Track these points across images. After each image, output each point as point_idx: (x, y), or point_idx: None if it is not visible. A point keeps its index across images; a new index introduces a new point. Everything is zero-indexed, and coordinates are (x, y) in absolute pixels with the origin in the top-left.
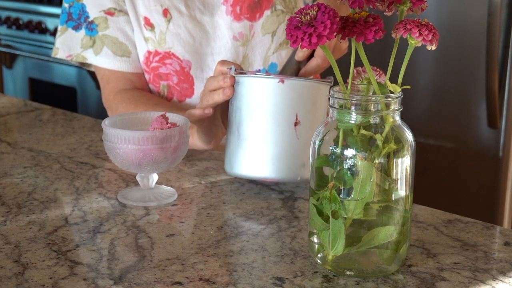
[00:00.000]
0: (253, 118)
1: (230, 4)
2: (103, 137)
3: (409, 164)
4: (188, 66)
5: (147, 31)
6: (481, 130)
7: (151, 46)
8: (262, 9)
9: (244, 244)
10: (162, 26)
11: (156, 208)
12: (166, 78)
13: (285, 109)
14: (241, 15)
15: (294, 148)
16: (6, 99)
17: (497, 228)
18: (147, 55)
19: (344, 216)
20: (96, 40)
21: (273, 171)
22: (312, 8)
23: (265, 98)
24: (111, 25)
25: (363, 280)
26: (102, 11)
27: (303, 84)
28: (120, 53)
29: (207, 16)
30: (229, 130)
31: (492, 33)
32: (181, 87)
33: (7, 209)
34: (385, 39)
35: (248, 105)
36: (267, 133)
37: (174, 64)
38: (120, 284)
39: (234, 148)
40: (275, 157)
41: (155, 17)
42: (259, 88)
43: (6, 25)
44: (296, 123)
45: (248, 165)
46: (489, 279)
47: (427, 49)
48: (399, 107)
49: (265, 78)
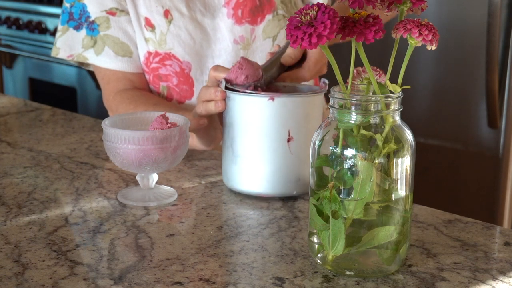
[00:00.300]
0: (245, 135)
1: (232, 7)
2: (103, 137)
3: (409, 164)
4: (188, 68)
5: (148, 31)
6: (481, 130)
7: (152, 46)
8: (263, 13)
9: (244, 244)
10: (162, 27)
11: (156, 208)
12: (166, 79)
13: (276, 127)
14: (243, 19)
15: (288, 164)
16: (6, 99)
17: (497, 228)
18: (147, 55)
19: (344, 216)
20: (98, 40)
21: (268, 187)
22: (312, 8)
23: (256, 116)
24: (113, 25)
25: (363, 280)
26: (103, 11)
27: (294, 100)
28: (121, 53)
29: (208, 18)
30: (224, 144)
31: (492, 33)
32: (181, 88)
33: (7, 209)
34: (385, 39)
35: (240, 122)
36: (260, 150)
37: (174, 65)
38: (120, 284)
39: (229, 163)
40: (269, 174)
41: (156, 18)
42: (249, 105)
43: (6, 25)
44: (289, 139)
45: (243, 181)
46: (489, 279)
47: (427, 49)
48: (399, 107)
49: (255, 96)
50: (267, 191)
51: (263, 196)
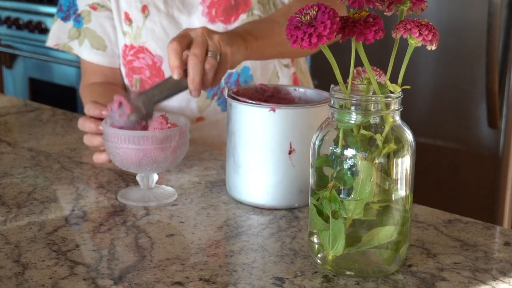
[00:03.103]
0: (246, 145)
1: (207, 6)
2: (103, 137)
3: (409, 164)
4: (159, 62)
5: (126, 25)
6: (481, 130)
7: (128, 40)
8: (238, 13)
9: (244, 244)
10: (139, 21)
11: (156, 208)
12: (139, 71)
13: (277, 138)
14: (216, 18)
15: (290, 176)
16: (6, 99)
17: (497, 228)
18: (124, 48)
19: (344, 216)
20: (81, 32)
21: (270, 199)
22: (312, 8)
23: (257, 126)
24: (93, 19)
25: (363, 280)
26: (87, 5)
27: (296, 112)
28: (96, 46)
29: (185, 15)
30: (227, 152)
31: (492, 33)
32: (153, 81)
33: (7, 209)
34: (385, 39)
35: (241, 131)
36: (261, 161)
37: (147, 58)
38: (120, 284)
39: (231, 173)
40: (270, 186)
41: (134, 13)
42: (251, 115)
43: (6, 25)
44: (291, 151)
45: (245, 192)
46: (489, 279)
47: (427, 49)
48: (399, 107)
49: (255, 107)
50: (269, 202)
51: (264, 208)
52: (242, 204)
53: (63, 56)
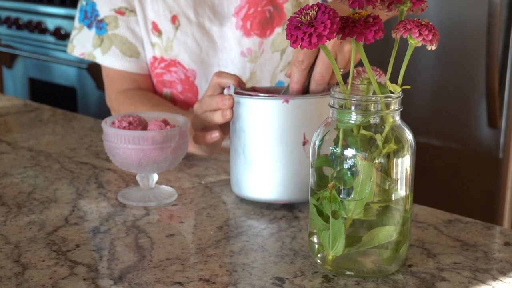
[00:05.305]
0: (259, 141)
1: (241, 18)
2: (103, 137)
3: (409, 164)
4: (193, 76)
5: (154, 36)
6: (481, 130)
7: (158, 52)
8: (273, 26)
9: (244, 244)
10: (169, 32)
11: (156, 208)
12: (170, 85)
13: (291, 130)
14: (251, 31)
15: (304, 168)
16: (6, 99)
17: (497, 228)
18: (152, 60)
19: (344, 216)
20: (104, 39)
21: (284, 193)
22: (312, 8)
23: (270, 120)
24: (121, 24)
25: (363, 280)
26: (112, 9)
27: (309, 101)
28: (129, 53)
29: (216, 26)
30: (234, 151)
31: (492, 33)
32: (185, 96)
33: (7, 209)
34: (385, 39)
35: (253, 127)
36: (275, 155)
37: (179, 72)
38: (120, 284)
39: (241, 171)
40: (285, 179)
41: (163, 23)
42: (263, 109)
43: (6, 25)
44: (305, 142)
45: (258, 188)
46: (489, 279)
47: (427, 49)
48: (399, 107)
49: (268, 100)
50: (282, 197)
51: (279, 203)
52: (242, 204)
53: (63, 56)
